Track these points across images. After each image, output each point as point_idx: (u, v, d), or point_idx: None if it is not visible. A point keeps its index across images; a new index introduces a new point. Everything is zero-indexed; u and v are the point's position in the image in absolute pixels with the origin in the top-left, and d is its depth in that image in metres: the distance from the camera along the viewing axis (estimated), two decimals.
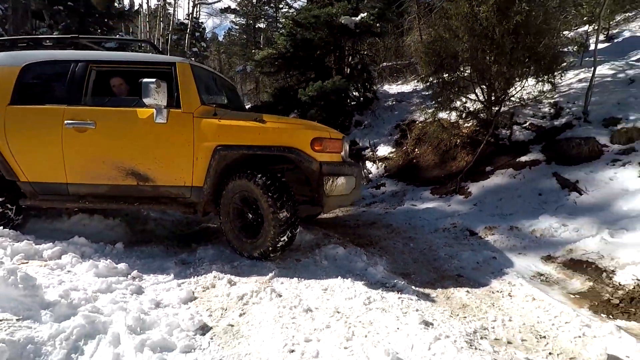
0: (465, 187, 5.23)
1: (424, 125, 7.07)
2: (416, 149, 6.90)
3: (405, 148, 7.14)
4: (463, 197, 5.06)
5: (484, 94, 5.69)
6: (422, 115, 6.89)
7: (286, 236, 2.95)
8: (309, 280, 2.70)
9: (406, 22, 10.94)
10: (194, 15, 19.41)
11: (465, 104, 6.00)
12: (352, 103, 8.86)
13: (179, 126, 3.05)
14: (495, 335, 2.13)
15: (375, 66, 10.27)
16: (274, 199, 2.89)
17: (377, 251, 3.60)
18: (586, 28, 8.20)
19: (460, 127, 6.31)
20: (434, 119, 6.30)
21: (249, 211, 3.15)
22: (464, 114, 6.02)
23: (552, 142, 5.07)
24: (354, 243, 3.71)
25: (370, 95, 8.89)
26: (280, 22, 16.07)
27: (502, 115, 5.75)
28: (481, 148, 5.44)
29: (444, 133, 6.06)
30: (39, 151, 3.13)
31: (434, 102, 6.27)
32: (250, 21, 22.31)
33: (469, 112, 5.95)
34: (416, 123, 7.42)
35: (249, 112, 4.69)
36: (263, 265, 2.95)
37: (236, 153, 3.08)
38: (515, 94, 5.63)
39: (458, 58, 5.55)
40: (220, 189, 3.18)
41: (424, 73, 6.17)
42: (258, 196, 2.95)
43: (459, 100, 6.05)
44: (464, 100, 6.00)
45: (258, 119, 3.08)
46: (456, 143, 6.13)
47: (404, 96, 8.95)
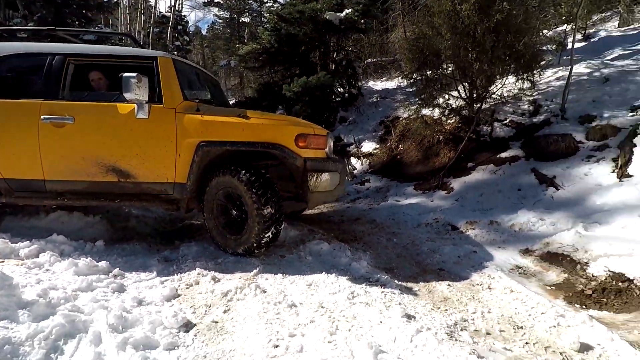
0: (448, 183, 5.33)
1: (407, 121, 7.15)
2: (400, 145, 6.97)
3: (389, 144, 7.21)
4: (445, 193, 5.15)
5: (466, 91, 5.79)
6: (406, 111, 6.96)
7: (271, 232, 2.96)
8: (294, 276, 2.72)
9: (391, 19, 10.99)
10: (176, 8, 19.01)
11: (447, 101, 6.10)
12: (337, 99, 8.87)
13: (161, 122, 3.00)
14: (475, 326, 2.19)
15: (360, 62, 10.30)
16: (258, 195, 2.88)
17: (361, 246, 3.64)
18: (564, 27, 8.41)
19: (443, 124, 6.40)
20: (417, 115, 6.38)
21: (233, 207, 3.13)
22: (446, 111, 6.12)
23: (531, 139, 5.20)
24: (339, 239, 3.74)
25: (355, 91, 8.93)
26: (264, 17, 15.93)
27: (484, 112, 5.87)
28: (463, 144, 5.55)
29: (427, 129, 6.14)
30: (14, 147, 3.02)
31: (417, 99, 6.35)
32: (234, 15, 22.03)
33: (451, 109, 6.05)
34: (400, 119, 7.50)
35: (233, 108, 4.65)
36: (247, 261, 2.94)
37: (220, 149, 3.05)
38: (496, 91, 5.76)
39: (441, 55, 5.63)
40: (203, 185, 3.15)
41: (407, 70, 6.23)
42: (242, 192, 2.94)
43: (441, 97, 6.14)
44: (446, 97, 6.09)
45: (242, 115, 3.06)
46: (439, 139, 6.23)
47: (388, 92, 9.01)
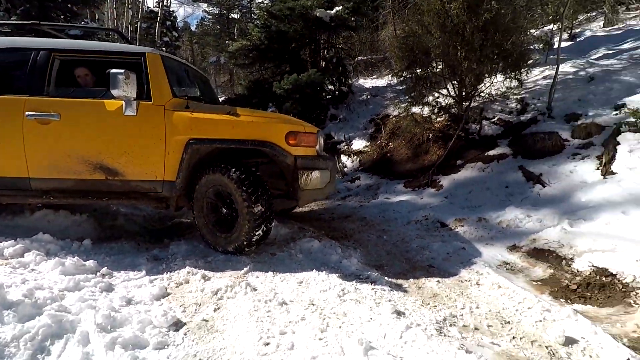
0: (437, 180, 5.38)
1: (397, 119, 7.19)
2: (390, 143, 7.01)
3: (379, 142, 7.24)
4: (435, 190, 5.20)
5: (455, 89, 5.84)
6: (396, 109, 7.00)
7: (261, 230, 2.95)
8: (284, 274, 2.72)
9: (381, 17, 11.01)
10: (165, 3, 18.76)
11: (437, 99, 6.15)
12: (328, 97, 8.86)
13: (150, 119, 2.97)
14: (463, 322, 2.22)
15: (351, 60, 10.30)
16: (249, 193, 2.87)
17: (352, 244, 3.66)
18: (551, 27, 8.54)
19: (432, 122, 6.45)
20: (407, 113, 6.42)
21: (223, 205, 3.11)
22: (436, 109, 6.17)
23: (519, 137, 5.28)
24: (329, 236, 3.75)
25: (346, 89, 8.93)
26: (254, 13, 15.80)
27: (472, 111, 5.94)
28: (452, 142, 5.60)
29: (416, 127, 6.19)
30: None
31: (407, 97, 6.39)
32: (224, 11, 21.77)
33: (440, 107, 6.10)
34: (390, 117, 7.53)
35: (223, 105, 4.62)
36: (238, 259, 2.94)
37: (209, 147, 3.03)
38: (485, 89, 5.83)
39: (430, 54, 5.66)
40: (193, 183, 3.13)
41: (397, 68, 6.25)
42: (232, 190, 2.93)
43: (431, 95, 6.18)
44: (436, 95, 6.14)
45: (232, 113, 3.05)
46: (428, 137, 6.28)
47: (379, 90, 9.04)
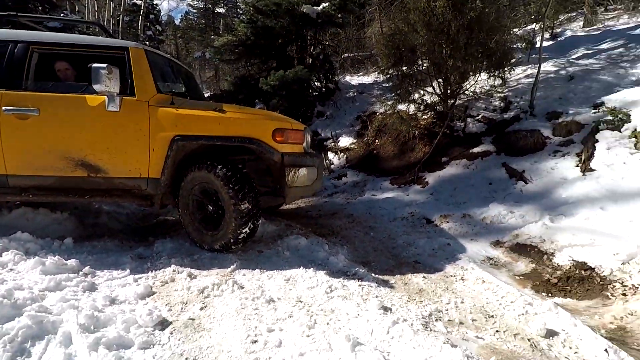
0: (423, 177, 5.44)
1: (384, 116, 7.23)
2: (377, 140, 7.05)
3: (366, 139, 7.27)
4: (420, 187, 5.26)
5: (440, 87, 5.90)
6: (382, 106, 7.03)
7: (248, 228, 2.93)
8: (272, 271, 2.71)
9: (367, 14, 11.01)
10: None
11: (423, 97, 6.20)
12: (314, 93, 8.84)
13: (133, 115, 2.91)
14: (448, 316, 2.26)
15: (337, 57, 10.29)
16: (235, 190, 2.85)
17: (339, 241, 3.68)
18: (533, 26, 8.70)
19: (418, 119, 6.51)
20: (393, 110, 6.46)
21: (209, 203, 3.09)
22: (421, 107, 6.22)
23: (502, 134, 5.37)
24: (316, 233, 3.76)
25: (332, 85, 8.92)
26: (240, 8, 15.62)
27: (457, 108, 6.01)
28: (438, 139, 5.66)
29: (403, 125, 6.23)
30: None
31: (393, 94, 6.42)
32: (209, 5, 21.49)
33: (426, 105, 6.16)
34: (377, 114, 7.57)
35: (208, 102, 4.56)
36: (224, 257, 2.92)
37: (195, 144, 3.00)
38: (469, 87, 5.90)
39: (416, 51, 5.70)
40: (178, 180, 3.09)
41: (384, 65, 6.28)
42: (218, 188, 2.90)
43: (417, 92, 6.23)
44: (421, 93, 6.19)
45: (218, 109, 3.01)
46: (414, 134, 6.33)
47: (365, 87, 9.07)
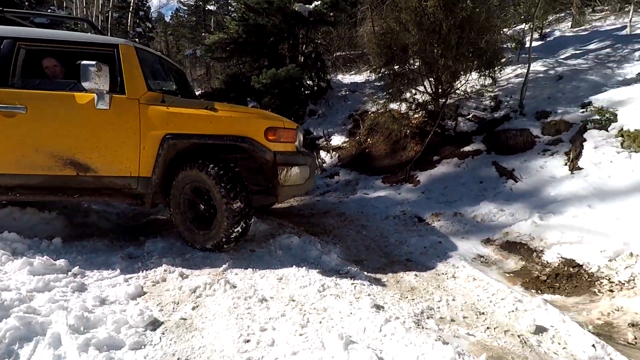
0: (415, 176, 5.47)
1: (376, 115, 7.25)
2: (369, 139, 7.07)
3: (358, 138, 7.29)
4: (412, 186, 5.29)
5: (431, 86, 5.93)
6: (374, 105, 7.06)
7: (240, 227, 2.92)
8: (264, 270, 2.71)
9: (359, 13, 11.03)
10: None
11: (414, 96, 6.24)
12: (306, 92, 8.83)
13: (124, 113, 2.87)
14: (440, 314, 2.28)
15: (329, 55, 10.29)
16: (227, 189, 2.83)
17: (331, 239, 3.68)
18: (523, 26, 8.80)
19: (410, 118, 6.54)
20: (385, 109, 6.48)
21: (201, 202, 3.06)
22: (413, 105, 6.25)
23: (492, 133, 5.43)
24: (309, 232, 3.76)
25: (324, 84, 8.92)
26: (231, 6, 15.51)
27: (448, 107, 6.06)
28: (429, 138, 5.70)
29: (394, 123, 6.25)
30: None
31: (385, 93, 6.45)
32: (200, 2, 21.29)
33: (418, 104, 6.19)
34: (369, 113, 7.59)
35: (200, 100, 4.52)
36: (216, 256, 2.90)
37: (186, 142, 2.97)
38: (460, 87, 5.95)
39: (408, 51, 5.73)
40: (170, 179, 3.06)
41: (376, 64, 6.30)
42: (210, 187, 2.88)
43: (408, 92, 6.26)
44: (413, 92, 6.22)
45: (209, 107, 2.99)
46: (406, 133, 6.36)
47: (357, 86, 9.09)
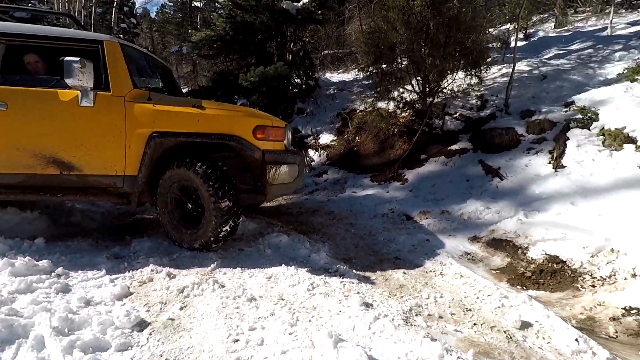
0: (402, 174, 5.51)
1: (364, 114, 7.27)
2: (357, 137, 7.09)
3: (346, 136, 7.30)
4: (400, 184, 5.33)
5: (419, 85, 5.98)
6: (363, 104, 7.07)
7: (228, 226, 2.90)
8: (253, 270, 2.69)
9: (347, 11, 11.03)
10: None
11: (402, 95, 6.27)
12: (294, 90, 8.80)
13: (109, 111, 2.82)
14: (428, 311, 2.31)
15: (317, 54, 10.27)
16: (215, 188, 2.81)
17: (320, 238, 3.68)
18: (507, 27, 8.94)
19: (397, 117, 6.59)
20: (373, 108, 6.51)
21: (189, 201, 3.03)
22: (401, 104, 6.29)
23: (479, 132, 5.51)
24: (297, 231, 3.76)
25: (312, 82, 8.90)
26: (218, 2, 15.35)
27: (436, 106, 6.11)
28: (417, 137, 5.75)
29: (382, 122, 6.29)
30: None
31: (373, 92, 6.47)
32: None
33: (405, 102, 6.23)
34: (357, 112, 7.60)
35: (187, 98, 4.47)
36: (204, 256, 2.87)
37: (173, 140, 2.93)
38: (447, 86, 6.02)
39: (396, 50, 5.76)
40: (156, 178, 3.01)
41: (363, 63, 6.31)
42: (198, 185, 2.85)
43: (396, 90, 6.29)
44: (401, 90, 6.26)
45: (197, 105, 2.95)
46: (394, 132, 6.40)
47: (345, 85, 9.10)
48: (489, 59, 5.98)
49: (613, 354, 1.90)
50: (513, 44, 6.33)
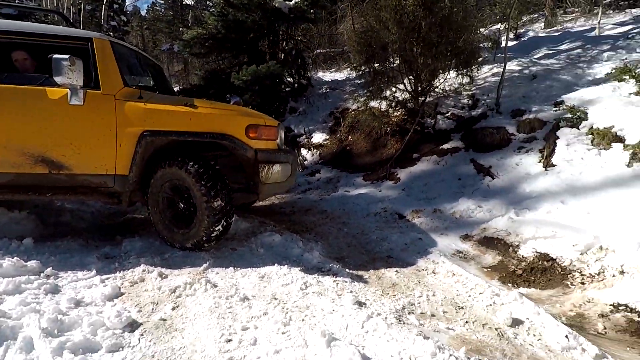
0: (395, 173, 5.53)
1: (356, 113, 7.28)
2: (349, 137, 7.09)
3: (339, 135, 7.31)
4: (393, 183, 5.35)
5: (411, 84, 6.01)
6: (355, 103, 7.09)
7: (221, 225, 2.88)
8: (246, 269, 2.68)
9: (340, 10, 11.04)
10: None
11: (394, 94, 6.30)
12: (287, 89, 8.77)
13: (99, 109, 2.78)
14: (421, 309, 2.32)
15: (310, 53, 10.26)
16: (208, 187, 2.79)
17: (313, 237, 3.68)
18: (498, 26, 9.02)
19: (390, 116, 6.61)
20: (365, 107, 6.52)
21: (181, 200, 3.00)
22: (393, 103, 6.32)
23: (470, 131, 5.55)
24: (290, 230, 3.75)
25: (305, 81, 8.89)
26: (210, 0, 15.23)
27: (428, 105, 6.15)
28: (409, 136, 5.77)
29: (375, 121, 6.30)
30: None
31: (365, 91, 6.48)
32: None
33: (397, 102, 6.26)
34: (349, 111, 7.61)
35: (178, 96, 4.43)
36: (197, 255, 2.85)
37: (165, 139, 2.90)
38: (439, 85, 6.06)
39: (388, 49, 5.78)
40: (148, 177, 2.98)
41: (356, 62, 6.31)
42: (190, 185, 2.83)
43: (389, 89, 6.31)
44: (393, 90, 6.28)
45: (189, 104, 2.93)
46: (386, 131, 6.42)
47: (338, 84, 9.10)
48: (480, 59, 6.03)
49: (602, 350, 1.93)
50: (504, 44, 6.39)
